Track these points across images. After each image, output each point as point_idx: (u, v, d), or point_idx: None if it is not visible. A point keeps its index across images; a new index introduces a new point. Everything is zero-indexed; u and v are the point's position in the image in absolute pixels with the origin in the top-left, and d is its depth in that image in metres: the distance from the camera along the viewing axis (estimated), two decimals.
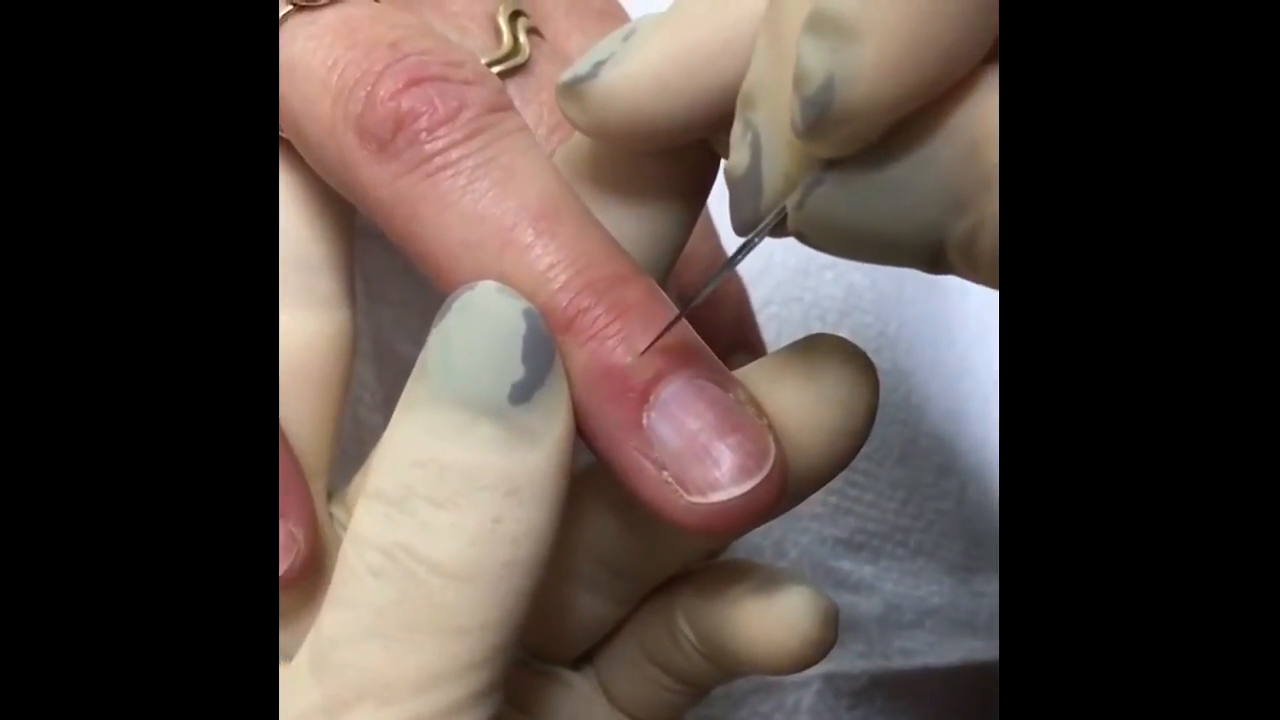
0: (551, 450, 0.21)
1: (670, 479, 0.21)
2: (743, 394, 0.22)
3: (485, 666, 0.22)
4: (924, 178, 0.18)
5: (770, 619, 0.25)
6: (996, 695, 0.42)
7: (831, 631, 0.25)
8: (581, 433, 0.22)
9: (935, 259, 0.19)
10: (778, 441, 0.22)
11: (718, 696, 0.37)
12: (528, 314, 0.21)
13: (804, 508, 0.38)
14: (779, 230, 0.20)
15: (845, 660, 0.39)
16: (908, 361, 0.42)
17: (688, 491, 0.21)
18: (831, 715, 0.38)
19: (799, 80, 0.18)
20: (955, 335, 0.44)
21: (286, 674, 0.23)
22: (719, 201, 0.23)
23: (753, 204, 0.20)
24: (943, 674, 0.41)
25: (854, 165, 0.18)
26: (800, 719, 0.38)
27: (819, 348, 0.23)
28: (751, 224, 0.20)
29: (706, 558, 0.27)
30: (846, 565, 0.40)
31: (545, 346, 0.21)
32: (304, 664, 0.22)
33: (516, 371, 0.21)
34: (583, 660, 0.28)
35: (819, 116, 0.17)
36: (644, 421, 0.22)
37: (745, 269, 0.36)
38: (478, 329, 0.21)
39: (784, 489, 0.22)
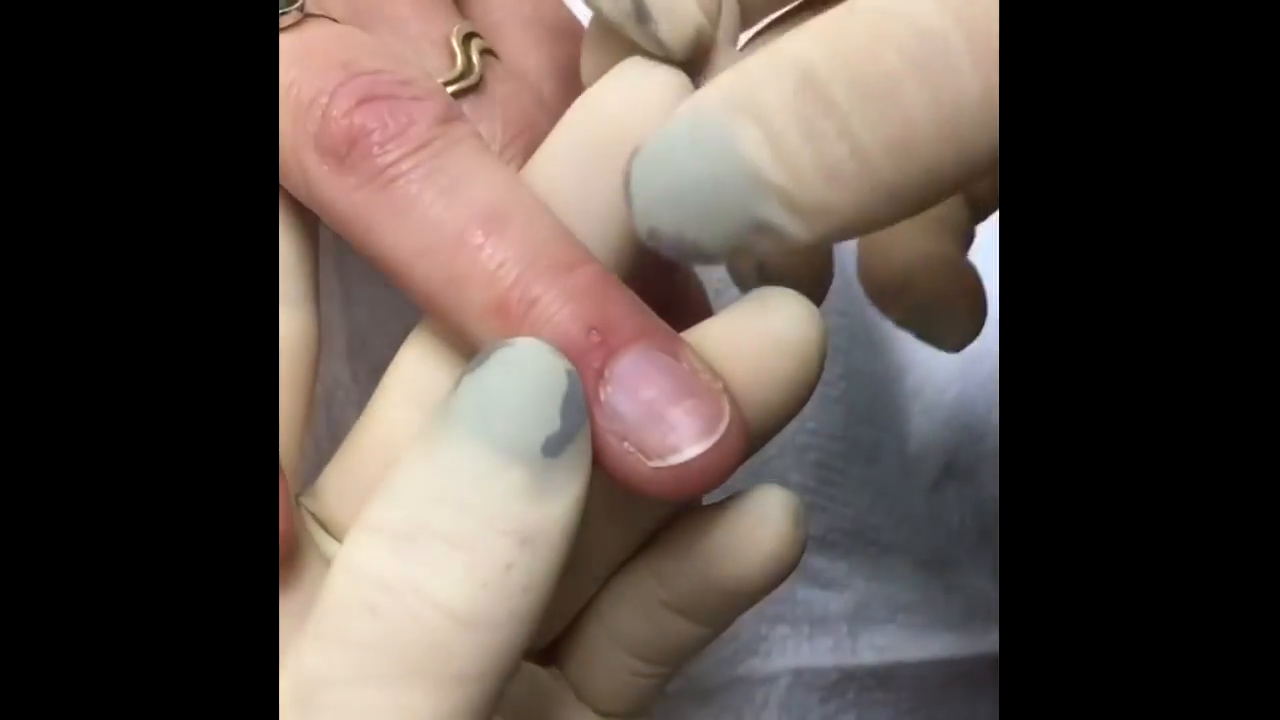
0: (570, 505, 0.22)
1: (632, 448, 0.22)
2: (695, 359, 0.23)
3: (475, 718, 0.22)
4: None
5: (744, 524, 0.26)
6: (968, 688, 0.42)
7: (804, 529, 0.26)
8: None
9: None
10: (733, 401, 0.23)
11: (685, 693, 0.37)
12: (570, 374, 0.22)
13: None
14: None
15: (815, 655, 0.39)
16: (876, 361, 0.42)
17: (649, 457, 0.22)
18: (801, 710, 0.39)
19: None
20: None
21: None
22: None
23: None
24: (914, 668, 0.41)
25: None
26: (770, 714, 0.39)
27: (764, 301, 0.24)
28: None
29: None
30: (819, 562, 0.40)
31: (580, 406, 0.22)
32: (287, 702, 0.22)
33: (553, 424, 0.22)
34: (547, 658, 0.29)
35: None
36: (601, 396, 0.22)
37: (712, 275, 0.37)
38: (521, 379, 0.22)
39: (743, 446, 0.23)
